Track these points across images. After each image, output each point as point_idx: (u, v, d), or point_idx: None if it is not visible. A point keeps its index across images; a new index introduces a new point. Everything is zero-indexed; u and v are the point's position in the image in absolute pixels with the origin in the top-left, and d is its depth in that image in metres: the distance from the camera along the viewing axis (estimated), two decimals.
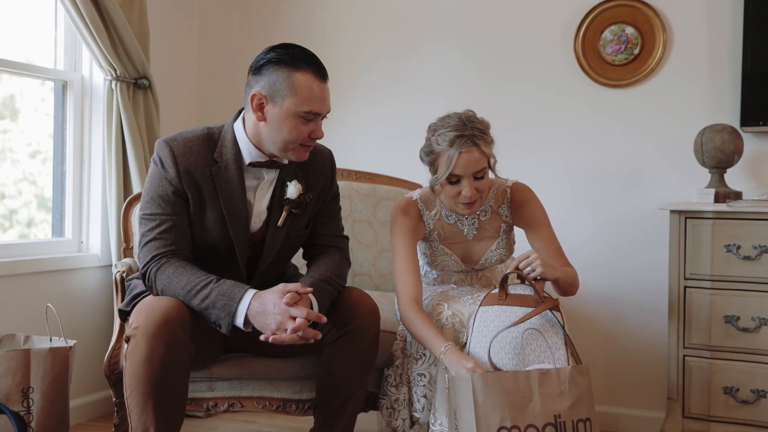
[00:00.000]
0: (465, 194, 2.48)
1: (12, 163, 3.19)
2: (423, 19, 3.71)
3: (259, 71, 2.30)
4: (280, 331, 2.18)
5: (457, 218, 2.69)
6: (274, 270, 2.54)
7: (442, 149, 2.47)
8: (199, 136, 2.38)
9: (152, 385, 2.14)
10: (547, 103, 3.54)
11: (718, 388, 2.90)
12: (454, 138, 2.44)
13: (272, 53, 2.30)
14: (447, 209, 2.65)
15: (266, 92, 2.28)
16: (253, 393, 2.64)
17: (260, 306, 2.21)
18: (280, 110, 2.27)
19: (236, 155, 2.36)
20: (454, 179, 2.48)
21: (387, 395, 2.66)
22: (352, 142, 3.79)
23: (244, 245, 2.40)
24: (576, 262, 3.46)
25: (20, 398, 2.37)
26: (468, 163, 2.44)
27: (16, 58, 3.21)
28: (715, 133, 3.04)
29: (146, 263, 2.31)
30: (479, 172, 2.48)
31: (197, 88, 4.06)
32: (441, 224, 2.69)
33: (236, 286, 2.25)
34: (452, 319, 2.55)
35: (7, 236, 3.19)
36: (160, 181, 2.33)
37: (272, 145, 2.33)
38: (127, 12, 3.35)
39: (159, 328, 2.14)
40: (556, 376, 2.26)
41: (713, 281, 2.90)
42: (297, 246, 2.58)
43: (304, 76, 2.27)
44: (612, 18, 3.43)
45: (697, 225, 2.92)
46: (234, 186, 2.36)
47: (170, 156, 2.32)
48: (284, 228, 2.44)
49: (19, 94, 3.21)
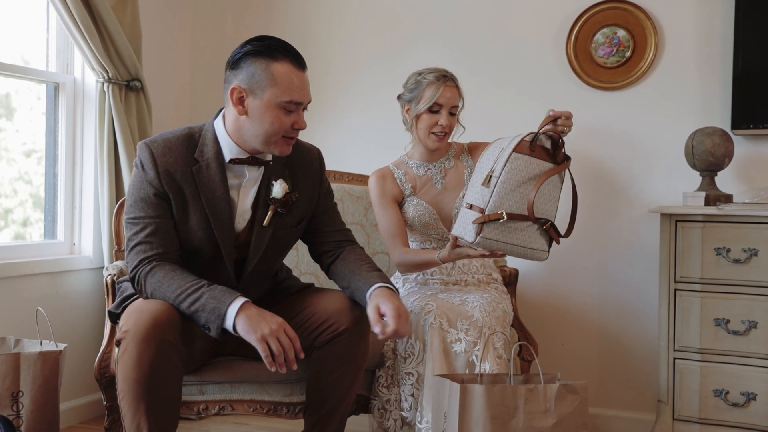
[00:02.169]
0: (442, 123, 2.85)
1: (7, 163, 3.19)
2: (416, 22, 3.72)
3: (236, 65, 2.29)
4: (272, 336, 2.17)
5: (427, 168, 2.96)
6: (263, 271, 2.53)
7: (428, 82, 2.86)
8: (179, 137, 2.37)
9: (144, 387, 2.14)
10: (539, 105, 3.53)
11: (709, 391, 2.90)
12: (439, 76, 2.87)
13: (248, 46, 2.30)
14: (421, 142, 2.92)
15: (245, 85, 2.27)
16: (244, 396, 2.64)
17: (258, 312, 2.21)
18: (261, 102, 2.27)
19: (217, 153, 2.35)
20: (436, 108, 2.84)
21: (378, 396, 2.69)
22: (344, 145, 3.80)
23: (230, 245, 2.39)
24: (566, 264, 3.50)
25: (10, 402, 2.37)
26: (450, 95, 2.85)
27: (8, 60, 3.21)
28: (706, 136, 3.05)
29: (135, 267, 2.31)
30: (454, 108, 2.87)
31: (190, 90, 4.06)
32: (413, 177, 2.96)
33: (227, 291, 2.24)
34: (440, 319, 2.58)
35: (3, 236, 3.19)
36: (142, 184, 2.33)
37: (255, 139, 2.32)
38: (119, 14, 3.34)
39: (149, 331, 2.14)
40: (542, 393, 2.23)
41: (703, 284, 2.91)
42: (286, 246, 2.56)
43: (282, 66, 2.27)
44: (604, 21, 3.43)
45: (687, 228, 2.93)
46: (216, 184, 2.34)
47: (150, 158, 2.32)
48: (270, 228, 2.43)
49: (14, 92, 3.21)
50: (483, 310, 2.60)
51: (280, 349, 2.17)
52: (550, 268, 3.50)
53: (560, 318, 3.52)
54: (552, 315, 3.51)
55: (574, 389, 2.25)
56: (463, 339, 2.56)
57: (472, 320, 2.58)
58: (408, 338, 2.64)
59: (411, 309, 2.71)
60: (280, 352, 2.17)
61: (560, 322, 3.52)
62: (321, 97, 3.79)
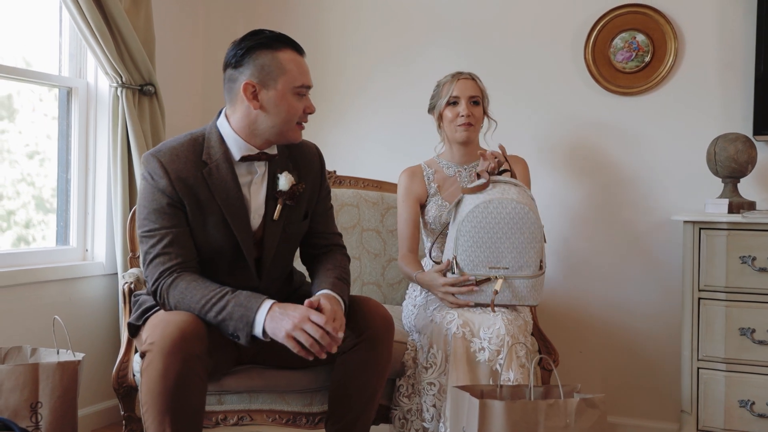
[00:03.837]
0: (462, 112, 2.92)
1: (10, 164, 3.15)
2: (430, 25, 3.68)
3: (240, 62, 2.29)
4: (296, 330, 2.15)
5: (457, 170, 3.00)
6: (279, 268, 2.50)
7: (444, 82, 2.99)
8: (183, 143, 2.35)
9: (169, 401, 2.11)
10: (556, 110, 3.51)
11: (734, 401, 2.87)
12: (454, 73, 3.00)
13: (246, 42, 2.31)
14: (451, 139, 3.00)
15: (256, 79, 2.28)
16: (263, 406, 2.61)
17: (281, 309, 2.19)
18: (276, 92, 2.28)
19: (225, 153, 2.34)
20: (454, 100, 2.94)
21: (399, 406, 2.66)
22: (358, 150, 3.76)
23: (249, 243, 2.37)
24: (587, 271, 3.46)
25: (29, 413, 2.33)
26: (465, 86, 2.94)
27: (20, 64, 3.17)
28: (729, 142, 3.01)
29: (156, 280, 2.27)
30: (474, 98, 2.94)
31: (202, 94, 4.03)
32: (441, 177, 3.01)
33: (252, 296, 2.22)
34: (463, 328, 2.54)
35: (5, 238, 3.15)
36: (154, 195, 2.30)
37: (271, 130, 2.32)
38: (132, 18, 3.31)
39: (175, 343, 2.11)
40: (563, 408, 2.20)
41: (728, 293, 2.87)
42: (296, 240, 2.54)
43: (286, 54, 2.31)
44: (622, 25, 3.40)
45: (712, 236, 2.89)
46: (229, 184, 2.33)
47: (159, 167, 2.29)
48: (281, 221, 2.41)
49: (16, 94, 3.16)
50: (506, 319, 2.57)
51: (308, 339, 2.16)
52: (569, 275, 3.47)
53: (579, 326, 3.48)
54: (571, 323, 3.48)
55: (593, 403, 2.23)
56: (486, 348, 2.52)
57: (495, 328, 2.54)
58: (429, 348, 2.61)
59: (431, 318, 2.68)
60: (310, 342, 2.16)
61: (579, 329, 3.48)
62: (334, 101, 3.76)
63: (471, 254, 2.63)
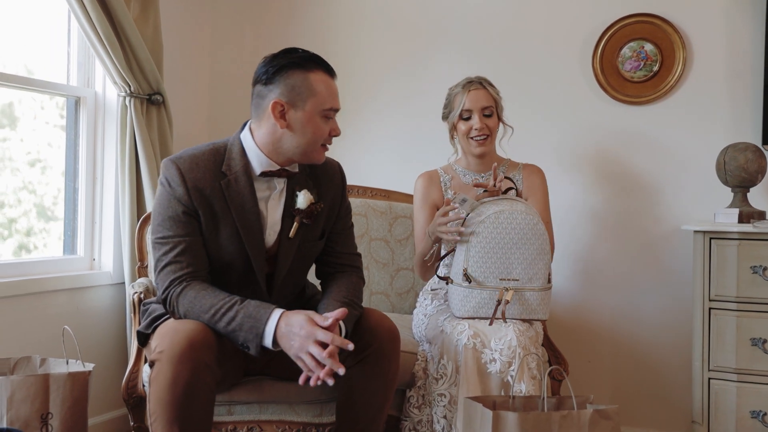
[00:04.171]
0: (475, 126, 2.89)
1: (11, 172, 3.14)
2: (438, 34, 3.68)
3: (271, 80, 2.28)
4: (302, 352, 2.14)
5: (474, 177, 2.99)
6: (291, 285, 2.49)
7: (455, 93, 2.94)
8: (204, 152, 2.34)
9: (177, 410, 2.10)
10: (564, 119, 3.50)
11: (745, 412, 2.85)
12: (465, 83, 2.94)
13: (279, 59, 2.29)
14: (465, 151, 2.99)
15: (286, 98, 2.27)
16: (273, 417, 2.60)
17: (287, 327, 2.17)
18: (304, 113, 2.27)
19: (245, 166, 2.33)
20: (466, 115, 2.90)
21: (410, 417, 2.65)
22: (366, 159, 3.75)
23: (261, 258, 2.36)
24: (596, 280, 3.45)
25: (39, 424, 2.31)
26: (476, 98, 2.89)
27: (28, 74, 3.17)
28: (739, 152, 3.01)
29: (166, 288, 2.27)
30: (487, 109, 2.91)
31: (209, 103, 4.02)
32: (458, 184, 3.01)
33: (262, 306, 2.21)
34: (474, 339, 2.53)
35: (7, 246, 3.14)
36: (169, 202, 2.29)
37: (295, 150, 2.31)
38: (141, 27, 3.30)
39: (184, 352, 2.10)
40: (576, 419, 2.19)
41: (739, 303, 2.86)
42: (310, 259, 2.53)
43: (318, 76, 2.29)
44: (631, 34, 3.40)
45: (722, 246, 2.88)
46: (246, 198, 2.32)
47: (178, 174, 2.28)
48: (296, 239, 2.40)
49: (17, 102, 3.16)
50: (517, 330, 2.56)
51: (312, 363, 2.14)
52: (577, 285, 3.46)
53: (587, 335, 3.47)
54: (579, 332, 3.47)
55: (607, 415, 2.21)
56: (497, 359, 2.51)
57: (506, 340, 2.53)
58: (440, 358, 2.59)
59: (442, 328, 2.67)
60: (312, 366, 2.15)
61: (587, 339, 3.46)
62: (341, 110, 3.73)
63: (482, 265, 2.62)
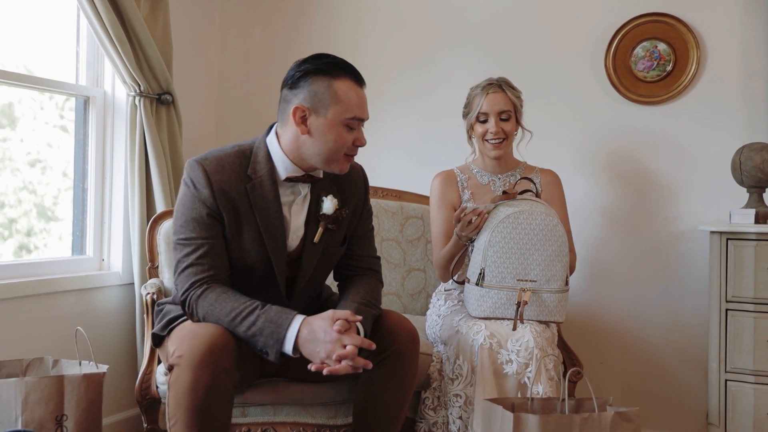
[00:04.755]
0: (491, 130, 2.88)
1: (11, 172, 3.12)
2: (449, 34, 3.66)
3: (296, 84, 2.25)
4: (330, 359, 2.12)
5: (491, 178, 2.98)
6: (312, 289, 2.47)
7: (475, 94, 2.93)
8: (230, 154, 2.32)
9: (197, 414, 2.08)
10: (576, 119, 3.48)
11: (763, 414, 2.83)
12: (485, 85, 2.92)
13: (306, 65, 2.26)
14: (481, 152, 2.98)
15: (308, 104, 2.24)
16: (287, 419, 2.58)
17: (309, 333, 2.14)
18: (325, 120, 2.24)
19: (270, 170, 2.31)
20: (483, 118, 2.89)
21: (425, 418, 2.63)
22: (377, 159, 3.72)
23: (282, 263, 2.33)
24: (610, 281, 3.43)
25: (54, 426, 2.28)
26: (494, 101, 2.87)
27: (37, 73, 3.14)
28: (755, 152, 2.99)
29: (186, 290, 2.24)
30: (504, 113, 2.89)
31: (217, 103, 4.00)
32: (475, 184, 2.99)
33: (283, 311, 2.18)
34: (490, 340, 2.51)
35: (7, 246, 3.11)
36: (194, 204, 2.27)
37: (316, 157, 2.28)
38: (150, 26, 3.28)
39: (204, 357, 2.07)
40: (597, 422, 2.16)
41: (756, 304, 2.84)
42: (332, 264, 2.51)
43: (344, 84, 2.26)
44: (644, 34, 3.38)
45: (739, 246, 2.86)
46: (270, 202, 2.29)
47: (203, 176, 2.26)
48: (320, 244, 2.38)
49: (17, 102, 3.13)
50: (534, 331, 2.54)
51: (347, 368, 2.12)
52: (591, 285, 3.44)
53: (600, 335, 3.45)
54: (591, 333, 3.44)
55: (628, 417, 2.19)
56: (514, 360, 2.49)
57: (523, 341, 2.51)
58: (456, 359, 2.57)
59: (457, 329, 2.65)
60: (345, 370, 2.12)
61: (599, 339, 3.44)
62: None
63: (500, 265, 2.60)
